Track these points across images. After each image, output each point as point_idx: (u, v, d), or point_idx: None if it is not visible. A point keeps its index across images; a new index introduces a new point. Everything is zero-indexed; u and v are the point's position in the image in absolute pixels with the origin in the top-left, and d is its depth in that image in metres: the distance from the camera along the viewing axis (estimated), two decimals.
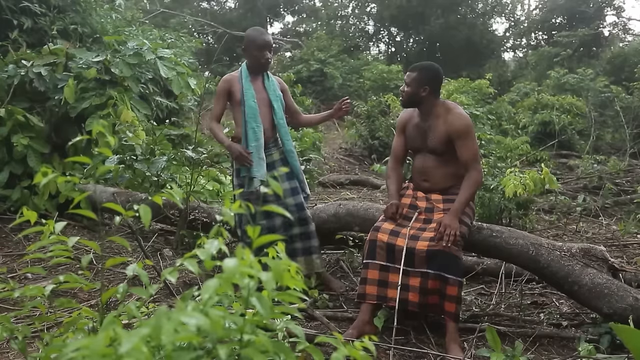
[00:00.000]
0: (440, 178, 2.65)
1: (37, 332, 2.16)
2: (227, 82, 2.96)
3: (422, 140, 2.66)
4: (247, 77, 2.93)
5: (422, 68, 2.63)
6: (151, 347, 0.80)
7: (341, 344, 0.98)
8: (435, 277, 2.35)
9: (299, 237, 2.98)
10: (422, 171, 2.69)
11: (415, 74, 2.59)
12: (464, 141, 2.53)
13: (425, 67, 2.64)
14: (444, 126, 2.56)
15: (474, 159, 2.54)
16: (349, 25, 20.39)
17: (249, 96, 2.90)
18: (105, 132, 3.81)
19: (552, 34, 18.17)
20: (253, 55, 2.90)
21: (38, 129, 4.24)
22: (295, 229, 2.97)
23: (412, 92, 2.59)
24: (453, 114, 2.57)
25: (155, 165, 3.82)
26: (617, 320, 2.18)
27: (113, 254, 3.56)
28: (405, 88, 2.62)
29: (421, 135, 2.67)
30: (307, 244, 3.00)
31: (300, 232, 2.98)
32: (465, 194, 2.50)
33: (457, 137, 2.53)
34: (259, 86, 2.97)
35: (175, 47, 6.45)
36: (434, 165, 2.65)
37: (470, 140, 2.55)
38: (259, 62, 2.91)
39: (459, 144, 2.54)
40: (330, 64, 13.99)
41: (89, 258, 1.19)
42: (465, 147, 2.53)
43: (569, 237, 4.49)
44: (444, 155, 2.61)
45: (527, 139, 6.76)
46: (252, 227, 0.97)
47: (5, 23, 4.99)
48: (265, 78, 3.00)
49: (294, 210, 2.94)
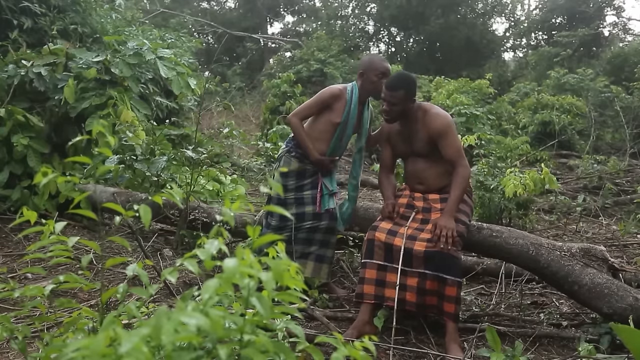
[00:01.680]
0: (433, 179, 2.66)
1: (37, 332, 2.16)
2: (335, 96, 2.86)
3: (408, 145, 2.70)
4: (356, 105, 2.87)
5: (405, 84, 2.56)
6: (151, 347, 0.80)
7: (341, 344, 0.98)
8: (433, 277, 2.35)
9: (319, 242, 2.98)
10: (415, 175, 2.71)
11: (402, 93, 2.54)
12: (445, 140, 2.55)
13: (407, 81, 2.57)
14: (424, 129, 2.59)
15: (458, 155, 2.55)
16: (349, 25, 20.38)
17: (351, 124, 2.89)
18: (105, 132, 3.81)
19: (552, 34, 18.16)
20: (371, 81, 2.83)
21: (38, 129, 4.24)
22: (318, 234, 2.96)
23: (401, 109, 2.58)
24: (430, 115, 2.58)
25: (155, 165, 3.82)
26: (617, 320, 2.18)
27: (113, 254, 3.56)
28: (392, 107, 2.57)
29: (405, 141, 2.70)
30: (323, 252, 2.99)
31: (322, 239, 2.98)
32: (456, 191, 2.51)
33: (439, 137, 2.55)
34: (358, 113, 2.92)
35: (175, 47, 6.45)
36: (425, 167, 2.67)
37: (452, 137, 2.56)
38: (375, 89, 2.82)
39: (441, 144, 2.56)
40: (330, 64, 13.99)
41: (89, 258, 1.19)
42: (447, 145, 2.55)
43: (569, 237, 4.49)
44: (431, 156, 2.63)
45: (527, 139, 6.76)
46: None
47: (5, 23, 4.99)
48: (365, 107, 2.96)
49: (327, 218, 2.94)
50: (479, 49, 18.29)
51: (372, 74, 2.82)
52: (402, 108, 2.58)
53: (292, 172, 2.94)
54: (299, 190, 2.93)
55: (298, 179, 2.94)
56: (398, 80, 2.57)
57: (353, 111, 2.86)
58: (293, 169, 2.94)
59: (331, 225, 2.96)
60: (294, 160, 2.94)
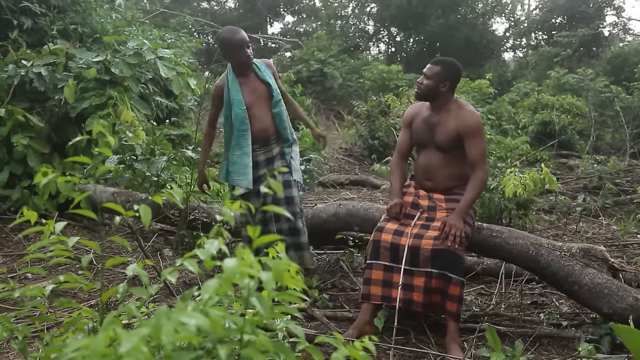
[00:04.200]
0: (443, 178, 2.62)
1: (37, 332, 2.16)
2: (218, 88, 2.93)
3: (430, 135, 2.64)
4: (235, 80, 2.86)
5: (445, 63, 2.61)
6: (151, 347, 0.80)
7: (341, 344, 0.98)
8: (439, 276, 2.34)
9: (288, 231, 2.92)
10: (426, 169, 2.67)
11: (438, 68, 2.57)
12: (473, 139, 2.51)
13: (448, 62, 2.63)
14: (454, 122, 2.54)
15: (481, 158, 2.52)
16: (349, 25, 20.37)
17: (235, 103, 2.84)
18: (105, 132, 3.81)
19: (552, 34, 18.16)
20: (234, 57, 2.83)
21: (38, 129, 4.24)
22: (283, 223, 2.91)
23: (432, 86, 2.57)
24: (465, 110, 2.56)
25: (155, 165, 3.82)
26: (617, 320, 2.17)
27: (113, 254, 3.56)
28: (424, 81, 2.59)
29: (429, 129, 2.64)
30: (297, 240, 2.94)
31: (289, 227, 2.92)
32: (471, 193, 2.49)
33: (467, 135, 2.52)
34: (253, 82, 2.89)
35: (175, 47, 6.44)
36: (439, 164, 2.62)
37: (480, 138, 2.53)
38: (240, 62, 2.83)
39: (468, 142, 2.52)
40: (330, 64, 13.98)
41: (89, 258, 1.19)
42: (474, 145, 2.51)
43: (569, 237, 4.49)
44: (449, 152, 2.59)
45: (527, 139, 6.75)
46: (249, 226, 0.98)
47: (5, 23, 4.99)
48: (256, 70, 2.91)
49: (284, 204, 2.85)
50: (479, 49, 18.28)
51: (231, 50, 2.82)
52: (434, 87, 2.56)
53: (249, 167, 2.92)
54: (256, 183, 2.88)
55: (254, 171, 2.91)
56: (441, 59, 2.66)
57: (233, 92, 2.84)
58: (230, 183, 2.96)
59: (291, 210, 2.86)
60: None
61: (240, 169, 2.85)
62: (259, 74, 2.91)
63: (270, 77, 2.94)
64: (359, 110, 9.24)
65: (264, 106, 2.89)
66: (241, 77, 2.88)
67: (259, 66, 2.93)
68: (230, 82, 2.87)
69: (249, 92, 2.87)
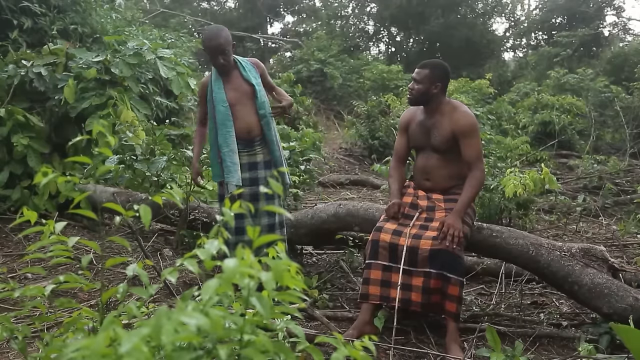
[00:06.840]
0: (442, 178, 2.64)
1: (37, 332, 2.16)
2: (202, 86, 2.92)
3: (426, 138, 2.65)
4: (218, 78, 2.84)
5: (433, 65, 2.62)
6: (151, 347, 0.80)
7: (341, 344, 0.98)
8: (437, 276, 2.35)
9: (266, 214, 2.86)
10: (424, 170, 2.68)
11: (427, 71, 2.58)
12: (469, 140, 2.53)
13: (436, 64, 2.65)
14: (449, 124, 2.55)
15: (477, 158, 2.53)
16: (349, 25, 20.37)
17: (218, 101, 2.81)
18: (105, 132, 3.81)
19: (552, 34, 18.16)
20: (211, 60, 2.80)
21: (38, 129, 4.24)
22: (264, 219, 2.87)
23: (424, 90, 2.58)
24: (459, 112, 2.57)
25: (155, 165, 3.82)
26: (617, 320, 2.18)
27: (113, 254, 3.56)
28: (415, 85, 2.61)
29: (425, 132, 2.66)
30: (272, 220, 2.90)
31: (269, 223, 2.90)
32: (468, 193, 2.50)
33: (462, 136, 2.53)
34: (237, 81, 2.85)
35: (175, 47, 6.45)
36: (437, 165, 2.64)
37: (475, 139, 2.54)
38: (217, 66, 2.81)
39: (463, 143, 2.53)
40: (330, 64, 13.97)
41: (89, 258, 1.19)
42: (469, 145, 2.53)
43: (569, 237, 4.49)
44: (447, 154, 2.60)
45: (527, 139, 6.76)
46: None
47: (5, 23, 4.99)
48: (241, 70, 2.87)
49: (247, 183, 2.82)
50: (479, 49, 18.28)
51: (207, 54, 2.82)
52: (425, 90, 2.57)
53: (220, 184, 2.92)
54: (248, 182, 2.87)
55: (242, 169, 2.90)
56: (428, 61, 2.67)
57: (216, 90, 2.82)
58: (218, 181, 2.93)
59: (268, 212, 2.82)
60: None
61: (230, 167, 2.81)
62: (244, 73, 2.87)
63: (256, 76, 2.89)
64: (359, 110, 9.24)
65: (248, 105, 2.85)
66: (224, 76, 2.85)
67: (244, 65, 2.89)
68: (213, 80, 2.85)
69: (231, 90, 2.83)
